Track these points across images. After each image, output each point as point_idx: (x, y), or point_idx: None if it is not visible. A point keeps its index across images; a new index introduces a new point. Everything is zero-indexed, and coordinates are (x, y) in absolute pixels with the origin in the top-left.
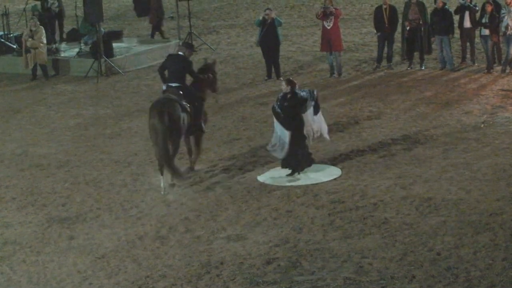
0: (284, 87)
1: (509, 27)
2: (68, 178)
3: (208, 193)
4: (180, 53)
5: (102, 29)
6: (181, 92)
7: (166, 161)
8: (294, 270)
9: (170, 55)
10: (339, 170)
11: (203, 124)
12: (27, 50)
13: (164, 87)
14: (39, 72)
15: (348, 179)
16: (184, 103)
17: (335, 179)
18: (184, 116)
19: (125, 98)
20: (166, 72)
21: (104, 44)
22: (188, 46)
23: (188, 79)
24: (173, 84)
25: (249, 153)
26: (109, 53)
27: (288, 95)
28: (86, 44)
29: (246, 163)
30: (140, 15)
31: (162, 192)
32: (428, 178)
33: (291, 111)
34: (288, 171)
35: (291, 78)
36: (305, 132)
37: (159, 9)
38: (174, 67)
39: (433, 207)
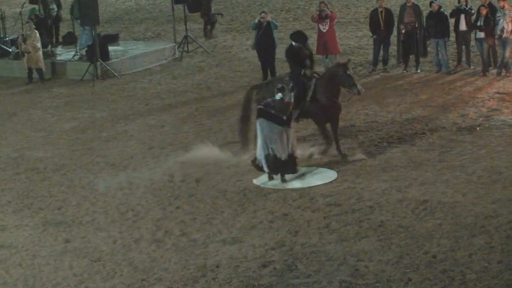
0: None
1: (504, 30)
2: (64, 182)
3: (203, 196)
4: (292, 43)
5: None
6: (286, 78)
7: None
8: (290, 273)
9: None
10: (335, 173)
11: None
12: (22, 54)
13: None
14: (35, 75)
15: (344, 182)
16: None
17: (331, 182)
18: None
19: (121, 101)
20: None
21: (100, 48)
22: (292, 36)
23: None
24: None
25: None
26: (105, 56)
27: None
28: (82, 48)
29: (242, 166)
30: (191, 11)
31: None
32: (424, 181)
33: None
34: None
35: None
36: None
37: (208, 7)
38: None
39: (429, 210)
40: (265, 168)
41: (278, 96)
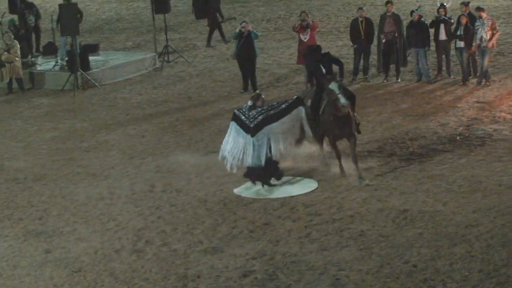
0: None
1: (483, 39)
2: (45, 192)
3: (184, 206)
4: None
5: (78, 43)
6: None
7: None
8: (271, 282)
9: None
10: (316, 182)
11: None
12: (2, 64)
13: None
14: (15, 85)
15: (325, 192)
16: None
17: (311, 191)
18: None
19: (102, 111)
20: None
21: (81, 58)
22: (308, 52)
23: None
24: None
25: (226, 166)
26: (86, 66)
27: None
28: (62, 59)
29: (223, 176)
30: (198, 18)
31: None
32: (404, 190)
33: None
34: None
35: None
36: None
37: (217, 12)
38: None
39: (409, 219)
40: (228, 167)
41: (249, 102)
